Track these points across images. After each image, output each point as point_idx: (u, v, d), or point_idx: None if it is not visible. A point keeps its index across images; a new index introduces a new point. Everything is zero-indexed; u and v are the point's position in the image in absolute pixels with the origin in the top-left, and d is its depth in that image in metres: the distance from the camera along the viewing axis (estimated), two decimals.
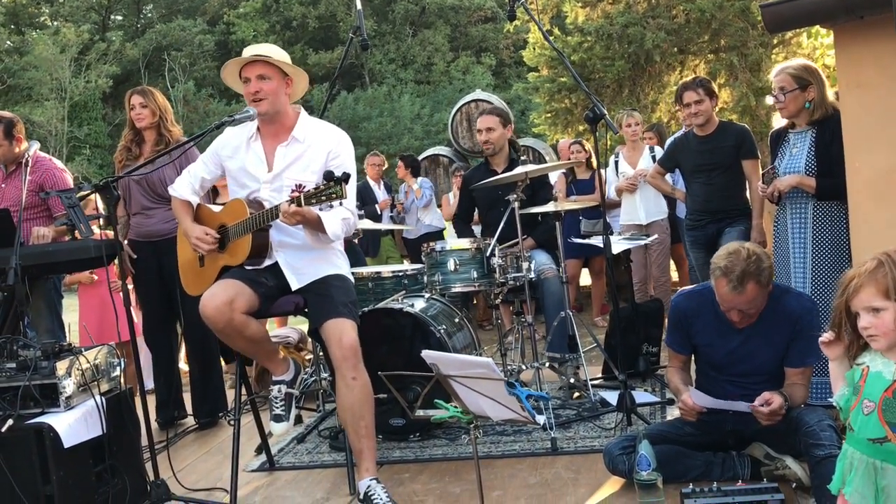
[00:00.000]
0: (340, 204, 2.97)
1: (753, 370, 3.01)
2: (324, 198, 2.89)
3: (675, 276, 7.38)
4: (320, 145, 3.27)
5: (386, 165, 8.49)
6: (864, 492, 2.16)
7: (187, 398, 4.78)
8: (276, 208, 3.04)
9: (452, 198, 7.48)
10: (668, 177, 5.34)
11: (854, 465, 2.21)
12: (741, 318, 2.93)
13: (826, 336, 2.22)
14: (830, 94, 3.58)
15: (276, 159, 3.29)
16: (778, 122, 3.84)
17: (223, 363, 5.65)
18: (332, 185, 2.87)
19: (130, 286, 4.79)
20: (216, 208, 3.48)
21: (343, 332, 3.07)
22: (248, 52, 3.27)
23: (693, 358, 3.27)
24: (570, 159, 6.86)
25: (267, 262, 3.28)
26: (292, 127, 3.30)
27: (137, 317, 5.16)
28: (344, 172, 2.91)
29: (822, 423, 2.79)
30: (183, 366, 5.35)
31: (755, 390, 2.89)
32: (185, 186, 3.45)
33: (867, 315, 2.11)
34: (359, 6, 4.29)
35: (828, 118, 3.49)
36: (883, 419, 2.16)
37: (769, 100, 3.67)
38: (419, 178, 7.93)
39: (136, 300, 4.87)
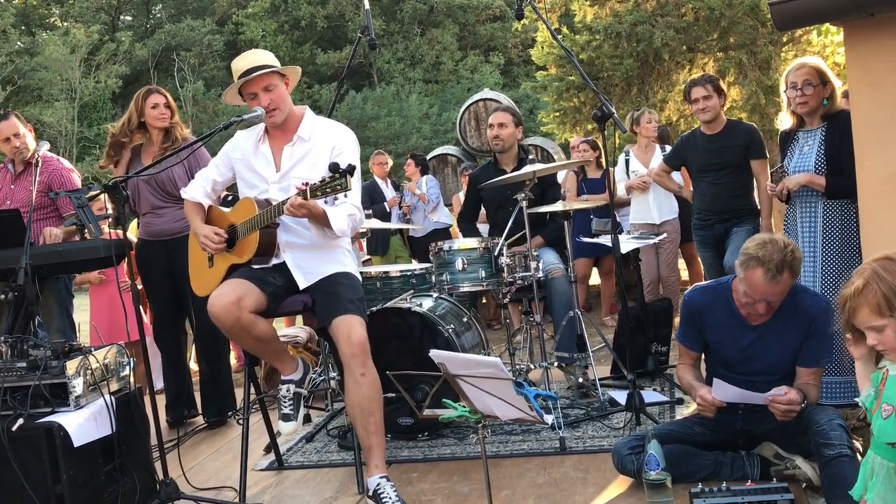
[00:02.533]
0: (346, 196, 2.97)
1: (765, 369, 3.00)
2: (329, 190, 2.89)
3: (684, 275, 7.36)
4: (325, 142, 3.29)
5: (391, 164, 8.49)
6: (887, 497, 2.14)
7: (198, 397, 4.79)
8: (282, 203, 3.05)
9: (462, 196, 7.48)
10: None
11: (875, 470, 2.19)
12: (766, 311, 2.88)
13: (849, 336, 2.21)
14: (839, 93, 3.57)
15: (283, 159, 3.31)
16: (781, 122, 3.82)
17: (234, 362, 5.68)
18: (337, 177, 2.87)
19: (141, 286, 4.81)
20: (227, 210, 3.50)
21: (352, 329, 3.08)
22: (240, 65, 3.26)
23: (703, 356, 3.25)
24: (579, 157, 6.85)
25: (274, 262, 3.29)
26: (297, 127, 3.32)
27: (147, 317, 5.19)
28: (349, 164, 2.90)
29: (832, 422, 2.77)
30: (192, 365, 5.37)
31: (765, 389, 2.88)
32: (197, 189, 3.49)
33: (871, 333, 2.12)
34: (367, 6, 4.30)
35: (838, 116, 3.47)
36: None
37: (790, 93, 3.59)
38: (425, 177, 7.93)
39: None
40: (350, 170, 2.88)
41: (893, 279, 2.10)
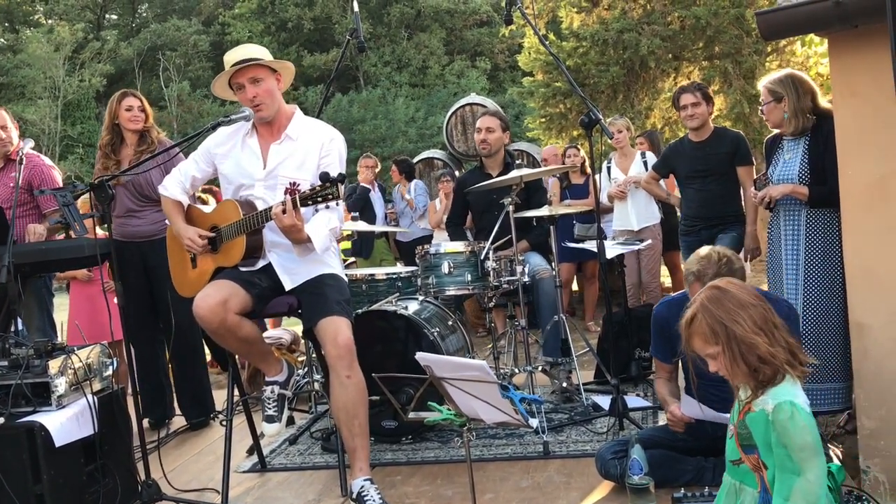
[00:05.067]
0: (337, 205, 2.97)
1: None
2: (319, 199, 2.90)
3: (667, 282, 7.40)
4: (313, 143, 3.28)
5: (379, 168, 8.50)
6: None
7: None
8: (269, 210, 3.05)
9: (439, 204, 7.50)
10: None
11: (723, 487, 2.35)
12: None
13: None
14: (823, 101, 3.60)
15: (269, 156, 3.29)
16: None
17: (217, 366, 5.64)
18: (328, 185, 2.88)
19: None
20: (206, 209, 3.47)
21: (338, 331, 3.07)
22: (231, 57, 3.26)
23: (680, 365, 3.27)
24: (563, 163, 6.87)
25: (261, 263, 3.28)
26: (287, 125, 3.32)
27: None
28: (340, 174, 2.92)
29: None
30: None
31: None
32: (176, 185, 3.43)
33: (710, 361, 2.25)
34: (356, 8, 4.31)
35: (822, 125, 3.51)
36: (738, 442, 2.31)
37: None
38: (413, 182, 7.96)
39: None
40: (341, 179, 2.90)
41: (717, 310, 2.22)
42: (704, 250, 2.92)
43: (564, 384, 4.40)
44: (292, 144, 3.29)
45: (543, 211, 4.33)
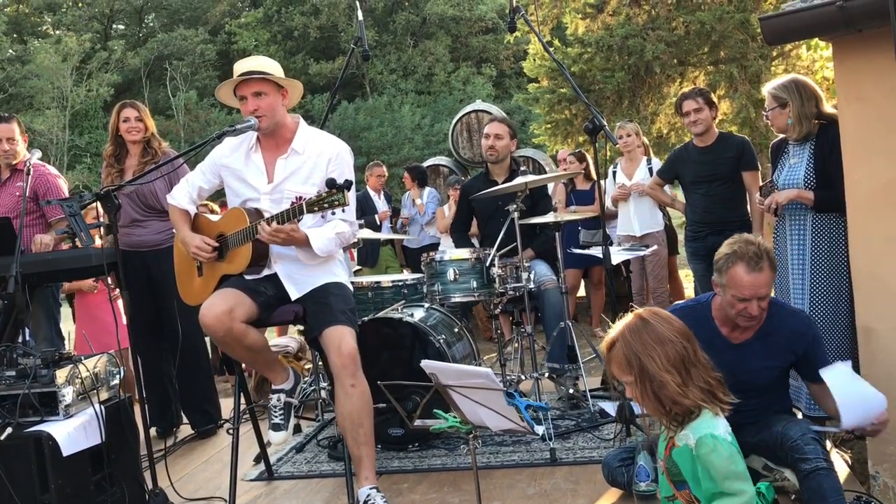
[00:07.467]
0: (343, 211, 2.97)
1: (748, 386, 2.95)
2: (326, 205, 2.90)
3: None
4: (320, 157, 3.27)
5: (386, 175, 8.52)
6: None
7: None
8: (273, 218, 3.05)
9: (447, 210, 7.50)
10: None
11: None
12: (759, 313, 2.77)
13: None
14: (828, 106, 3.59)
15: (276, 171, 3.29)
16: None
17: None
18: (334, 192, 2.88)
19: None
20: (214, 217, 3.49)
21: (342, 340, 3.08)
22: (241, 67, 3.26)
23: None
24: (565, 170, 6.88)
25: (266, 272, 3.29)
26: (292, 138, 3.31)
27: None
28: (346, 180, 2.91)
29: (805, 436, 2.72)
30: None
31: (750, 405, 2.86)
32: (183, 196, 3.45)
33: (627, 388, 2.30)
34: (360, 17, 4.32)
35: (827, 129, 3.50)
36: (669, 478, 2.34)
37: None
38: (426, 189, 7.96)
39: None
40: (347, 185, 2.89)
41: (635, 341, 2.25)
42: (734, 237, 2.81)
43: (571, 391, 4.39)
44: (299, 158, 3.28)
45: (549, 217, 4.33)
